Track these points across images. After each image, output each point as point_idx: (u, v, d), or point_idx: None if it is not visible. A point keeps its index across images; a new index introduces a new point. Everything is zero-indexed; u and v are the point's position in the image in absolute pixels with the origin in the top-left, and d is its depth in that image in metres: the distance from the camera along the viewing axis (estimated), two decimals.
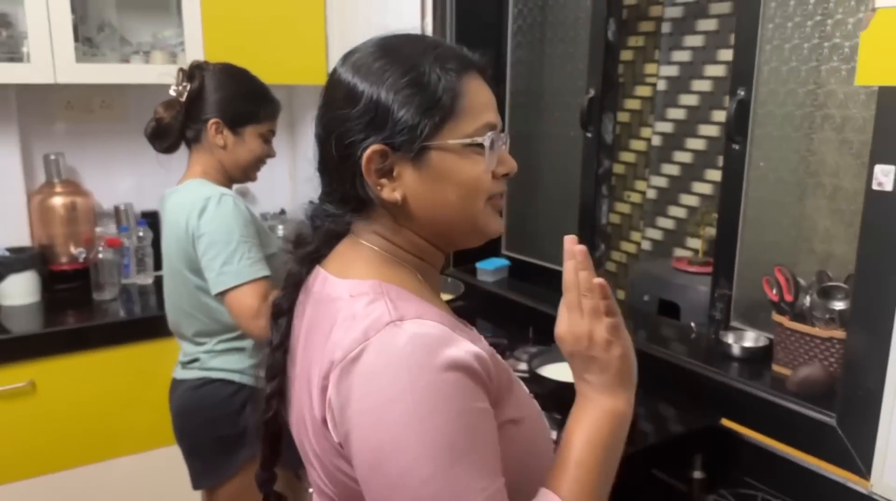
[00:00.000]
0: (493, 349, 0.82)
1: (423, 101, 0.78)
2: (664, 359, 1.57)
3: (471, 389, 0.71)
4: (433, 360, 0.70)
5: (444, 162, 0.80)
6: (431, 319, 0.73)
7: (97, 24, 2.52)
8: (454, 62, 0.80)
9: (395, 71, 0.79)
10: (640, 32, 2.50)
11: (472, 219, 0.83)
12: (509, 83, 2.19)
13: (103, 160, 2.64)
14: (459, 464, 0.68)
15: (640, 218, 2.64)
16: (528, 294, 1.99)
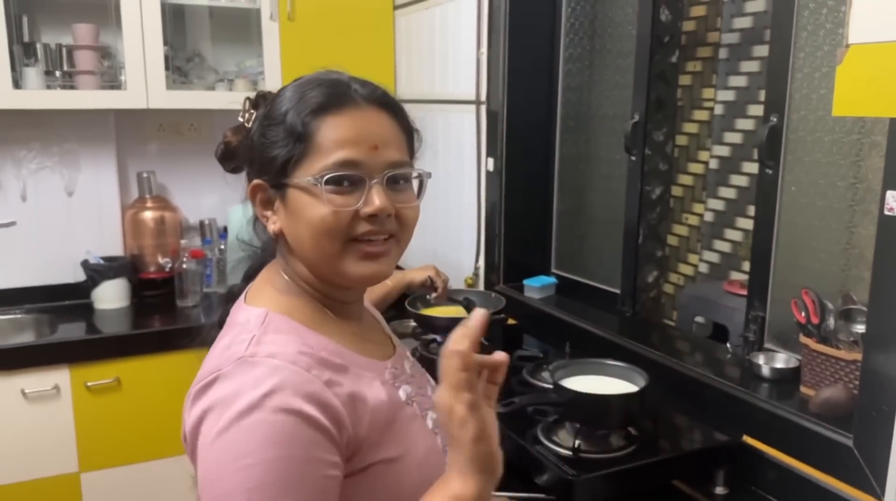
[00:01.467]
0: (404, 383, 0.88)
1: (273, 139, 0.84)
2: (693, 377, 1.61)
3: (301, 435, 0.72)
4: (265, 401, 0.71)
5: (296, 200, 0.83)
6: (287, 359, 0.75)
7: (188, 55, 2.77)
8: (313, 104, 0.83)
9: (269, 112, 0.86)
10: (698, 58, 2.53)
11: (329, 260, 0.83)
12: (560, 108, 2.27)
13: (190, 178, 2.87)
14: (273, 496, 0.70)
15: (697, 240, 2.65)
16: (571, 311, 2.05)
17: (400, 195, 0.86)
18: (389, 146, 0.85)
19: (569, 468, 1.30)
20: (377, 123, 0.85)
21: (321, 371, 0.78)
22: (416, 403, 0.89)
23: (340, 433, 0.76)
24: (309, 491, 0.72)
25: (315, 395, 0.75)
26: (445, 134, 2.57)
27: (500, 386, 0.81)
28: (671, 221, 2.62)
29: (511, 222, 2.29)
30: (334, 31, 2.73)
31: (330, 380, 0.78)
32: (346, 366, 0.82)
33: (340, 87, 0.86)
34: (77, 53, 2.51)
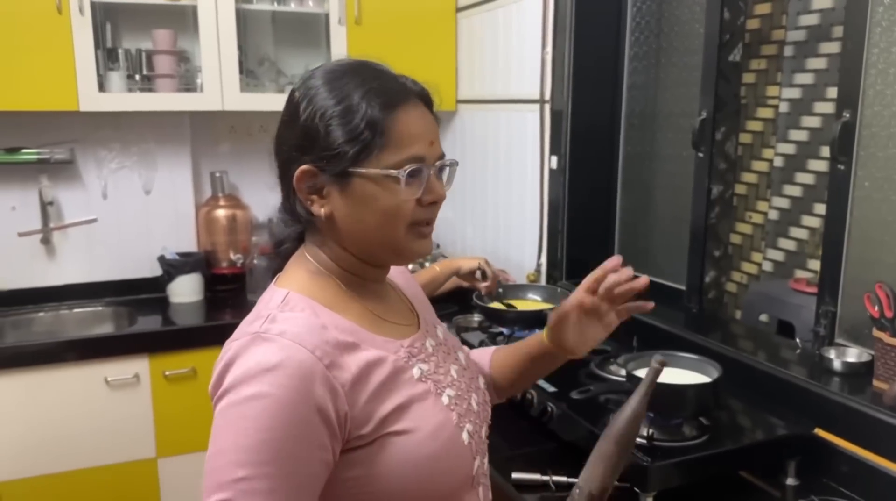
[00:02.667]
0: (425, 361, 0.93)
1: (347, 130, 0.86)
2: (763, 371, 1.62)
3: (297, 412, 0.78)
4: (266, 376, 0.78)
5: (364, 188, 0.87)
6: (294, 338, 0.81)
7: (258, 59, 2.87)
8: (384, 97, 0.87)
9: (330, 99, 0.87)
10: (763, 55, 2.53)
11: (392, 243, 0.90)
12: (625, 106, 2.29)
13: (261, 177, 2.97)
14: (254, 469, 0.76)
15: (762, 239, 2.64)
16: None
17: (442, 184, 0.95)
18: (437, 140, 0.93)
19: (643, 455, 1.33)
20: (429, 118, 0.93)
21: (327, 351, 0.83)
22: (431, 380, 0.94)
23: (338, 415, 0.82)
24: (293, 466, 0.79)
25: (316, 376, 0.80)
26: (507, 133, 2.61)
27: (625, 320, 1.14)
28: (734, 219, 2.63)
29: (574, 218, 2.32)
30: (399, 35, 2.80)
31: (332, 363, 0.82)
32: (357, 344, 0.87)
33: (399, 83, 0.91)
34: (156, 58, 2.64)
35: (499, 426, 1.72)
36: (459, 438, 0.92)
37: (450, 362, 1.02)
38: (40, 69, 2.38)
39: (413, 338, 0.97)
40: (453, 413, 0.93)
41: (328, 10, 2.70)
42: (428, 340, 1.00)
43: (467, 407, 0.97)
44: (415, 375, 0.92)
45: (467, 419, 0.96)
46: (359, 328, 0.90)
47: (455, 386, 0.97)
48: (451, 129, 3.02)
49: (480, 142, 2.80)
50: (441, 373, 0.97)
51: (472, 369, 1.09)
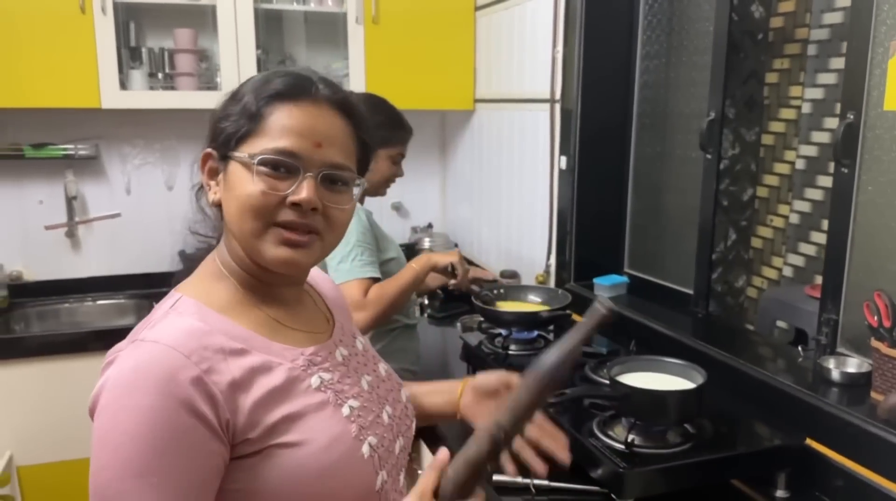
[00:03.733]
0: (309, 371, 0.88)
1: (231, 113, 0.87)
2: (759, 379, 1.58)
3: (172, 418, 0.75)
4: (137, 381, 0.76)
5: (234, 173, 0.86)
6: (170, 343, 0.78)
7: (280, 58, 2.91)
8: (272, 91, 0.86)
9: (235, 90, 0.90)
10: (786, 55, 2.45)
11: (249, 238, 0.86)
12: (637, 106, 2.26)
13: None
14: (142, 482, 0.74)
15: (783, 243, 2.57)
16: (641, 310, 2.04)
17: (333, 196, 0.88)
18: (334, 147, 0.87)
19: (620, 460, 1.30)
20: (328, 122, 0.88)
21: (205, 357, 0.79)
22: (331, 390, 0.90)
23: (219, 421, 0.78)
24: (178, 473, 0.76)
25: (190, 381, 0.77)
26: (521, 133, 2.60)
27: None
28: (755, 222, 2.56)
29: (583, 220, 2.29)
30: (417, 33, 2.80)
31: (210, 368, 0.79)
32: (245, 350, 0.84)
33: (305, 81, 0.89)
34: (178, 57, 2.69)
35: None
36: (358, 452, 0.88)
37: (362, 373, 0.99)
38: (64, 67, 2.46)
39: (319, 347, 0.93)
40: (353, 425, 0.89)
41: (346, 9, 2.72)
42: (339, 349, 0.97)
43: (373, 420, 0.94)
44: (313, 384, 0.88)
45: (371, 431, 0.92)
46: (251, 334, 0.86)
47: (361, 398, 0.94)
48: (469, 128, 3.02)
49: (496, 141, 2.79)
50: (347, 384, 0.93)
51: (392, 381, 1.07)
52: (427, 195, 3.30)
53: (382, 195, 2.01)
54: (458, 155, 3.16)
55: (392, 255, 1.89)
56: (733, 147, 2.07)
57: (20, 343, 2.47)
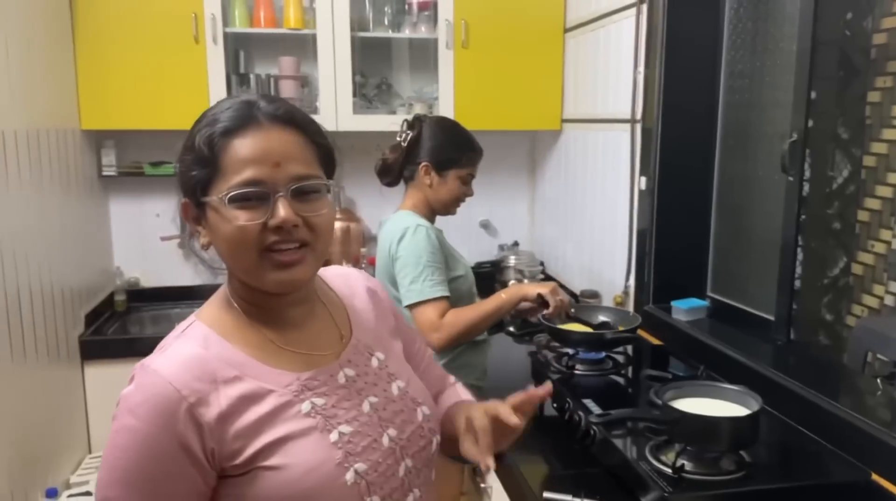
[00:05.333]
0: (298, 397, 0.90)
1: (195, 161, 0.90)
2: (828, 410, 1.51)
3: (155, 445, 0.83)
4: (136, 406, 0.84)
5: (212, 217, 0.89)
6: (168, 374, 0.84)
7: (377, 82, 3.05)
8: (222, 126, 0.88)
9: (186, 139, 0.92)
10: (889, 73, 2.33)
11: (247, 271, 0.90)
12: (720, 127, 2.21)
13: (373, 193, 3.14)
14: (125, 493, 0.84)
15: (884, 270, 2.42)
16: (718, 335, 1.99)
17: (308, 205, 0.90)
18: (292, 161, 0.89)
19: (667, 485, 1.30)
20: (279, 140, 0.89)
21: (195, 389, 0.85)
22: (321, 415, 0.91)
23: (203, 450, 0.85)
24: (155, 493, 0.84)
25: (180, 412, 0.84)
26: (604, 153, 2.60)
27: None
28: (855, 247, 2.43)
29: (663, 241, 2.27)
30: (506, 56, 2.87)
31: (200, 400, 0.85)
32: (238, 377, 0.88)
33: (245, 109, 0.90)
34: (282, 82, 2.89)
35: (552, 446, 1.74)
36: (340, 478, 0.89)
37: (367, 395, 0.98)
38: (180, 92, 2.69)
39: (318, 371, 0.95)
40: (339, 452, 0.90)
41: (438, 35, 2.83)
42: (344, 370, 0.98)
43: (368, 445, 0.94)
44: (303, 410, 0.90)
45: (363, 457, 0.92)
46: (247, 360, 0.90)
47: (357, 422, 0.94)
48: (556, 148, 3.04)
49: (581, 161, 2.80)
50: (344, 407, 0.94)
51: (405, 401, 1.03)
52: (515, 214, 3.34)
53: (452, 214, 2.07)
54: (547, 174, 3.19)
55: (460, 273, 1.95)
56: (834, 169, 1.99)
57: (135, 344, 2.69)
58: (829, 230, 1.97)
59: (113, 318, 2.92)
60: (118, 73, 2.68)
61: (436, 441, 1.05)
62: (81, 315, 2.70)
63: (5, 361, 2.02)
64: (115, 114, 2.71)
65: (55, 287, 2.42)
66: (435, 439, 1.05)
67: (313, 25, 2.78)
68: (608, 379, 1.88)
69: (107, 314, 2.92)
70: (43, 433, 2.28)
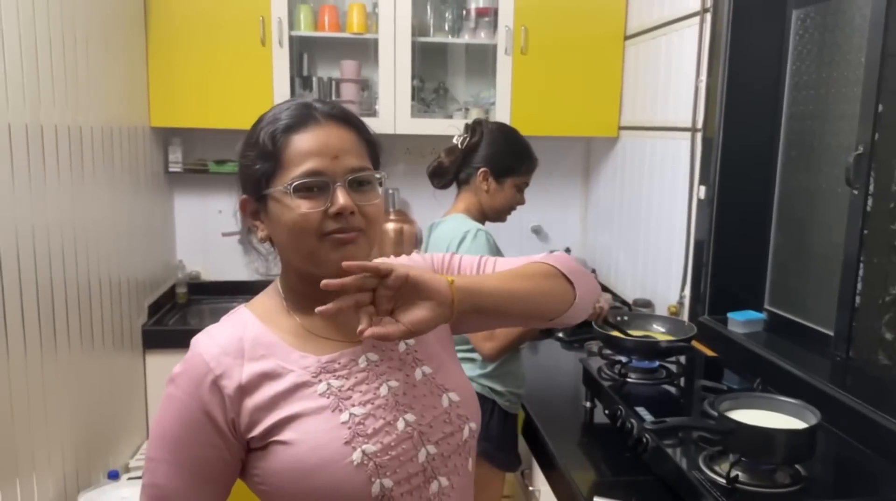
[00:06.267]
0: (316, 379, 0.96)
1: (257, 157, 0.97)
2: (889, 428, 1.49)
3: (184, 411, 0.95)
4: (177, 376, 0.96)
5: (274, 208, 0.97)
6: (203, 348, 0.95)
7: (434, 87, 3.09)
8: (286, 121, 0.97)
9: (251, 131, 1.00)
10: None
11: (308, 254, 0.96)
12: (783, 137, 2.18)
13: (428, 195, 3.18)
14: (161, 454, 0.96)
15: None
16: (774, 349, 1.97)
17: (363, 195, 0.98)
18: (348, 155, 0.97)
19: (720, 495, 1.29)
20: (336, 136, 0.97)
21: (222, 362, 0.95)
22: (335, 396, 0.97)
23: (225, 419, 0.95)
24: (186, 457, 0.96)
25: (206, 383, 0.94)
26: (662, 161, 2.59)
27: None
28: None
29: (721, 252, 2.25)
30: (564, 63, 2.88)
31: (224, 373, 0.95)
32: (265, 356, 0.97)
33: (303, 108, 0.99)
34: (343, 85, 2.95)
35: (601, 453, 1.74)
36: (346, 458, 0.93)
37: (387, 378, 1.01)
38: (245, 93, 2.78)
39: (340, 353, 1.00)
40: (347, 432, 0.94)
41: (497, 41, 2.85)
42: (367, 354, 1.01)
43: (381, 427, 0.96)
44: (319, 390, 0.97)
45: (373, 439, 0.95)
46: (278, 342, 0.99)
47: (371, 405, 0.97)
48: (613, 155, 3.04)
49: (638, 168, 2.79)
50: (360, 390, 0.98)
51: (429, 386, 1.04)
52: (568, 220, 3.34)
53: (503, 222, 2.08)
54: (601, 181, 3.18)
55: None
56: None
57: (194, 335, 2.78)
58: (891, 246, 1.93)
59: (174, 309, 3.02)
60: (187, 73, 2.78)
61: (468, 428, 1.05)
62: (145, 306, 2.80)
63: (74, 347, 2.11)
64: (183, 112, 2.81)
65: (122, 278, 2.52)
66: (467, 427, 1.05)
67: (375, 30, 2.83)
68: (660, 389, 1.87)
69: (168, 305, 3.02)
70: (106, 417, 2.37)
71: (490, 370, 1.90)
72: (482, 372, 1.90)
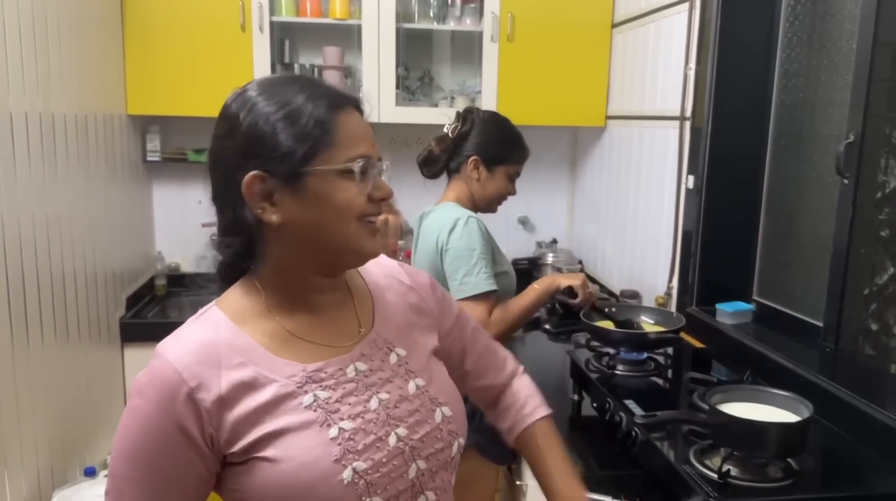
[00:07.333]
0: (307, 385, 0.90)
1: (295, 131, 0.87)
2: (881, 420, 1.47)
3: (154, 425, 0.85)
4: (143, 387, 0.87)
5: (318, 187, 0.88)
6: (173, 358, 0.86)
7: (418, 75, 3.04)
8: (326, 100, 0.89)
9: (271, 106, 0.88)
10: None
11: (347, 239, 0.90)
12: (773, 126, 2.16)
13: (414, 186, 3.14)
14: (128, 472, 0.87)
15: None
16: (763, 340, 1.95)
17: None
18: (375, 142, 0.95)
19: (712, 489, 1.26)
20: (365, 123, 0.96)
21: (196, 373, 0.86)
22: (323, 409, 0.90)
23: (202, 434, 0.86)
24: (156, 475, 0.87)
25: (179, 396, 0.85)
26: (650, 150, 2.56)
27: None
28: None
29: (709, 242, 2.22)
30: (551, 51, 2.84)
31: (200, 384, 0.85)
32: (243, 364, 0.88)
33: (332, 88, 0.94)
34: (325, 72, 2.89)
35: (589, 446, 1.71)
36: (337, 476, 0.87)
37: (377, 390, 0.95)
38: (225, 80, 2.65)
39: (326, 362, 0.93)
40: (337, 448, 0.88)
41: (483, 28, 2.81)
42: (355, 364, 0.96)
43: (371, 443, 0.91)
44: (304, 402, 0.89)
45: (364, 456, 0.90)
46: (255, 347, 0.90)
47: (360, 419, 0.92)
48: (600, 144, 3.00)
49: (626, 158, 2.76)
50: (349, 403, 0.92)
51: (422, 400, 0.99)
52: (554, 211, 3.31)
53: (493, 212, 2.05)
54: (588, 172, 3.15)
55: (505, 268, 1.92)
56: (886, 173, 1.93)
57: (174, 328, 2.71)
58: (877, 237, 1.91)
59: (153, 302, 2.96)
60: (165, 59, 2.71)
61: (458, 444, 1.02)
62: (123, 298, 2.74)
63: (49, 341, 2.05)
64: (161, 100, 2.74)
65: (98, 269, 2.46)
66: (457, 442, 1.02)
67: (359, 16, 2.77)
68: (649, 381, 1.85)
69: (147, 297, 2.96)
70: (83, 412, 2.31)
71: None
72: None
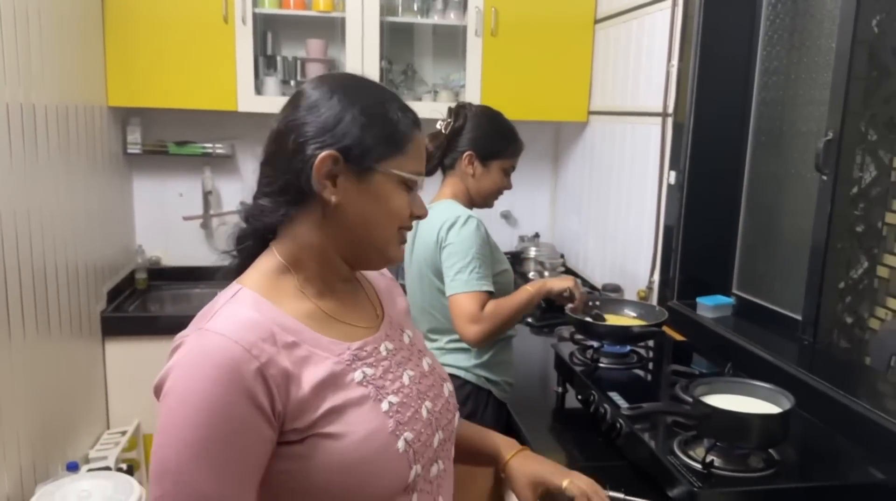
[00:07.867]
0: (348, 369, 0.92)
1: (382, 131, 0.94)
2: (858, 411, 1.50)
3: (228, 405, 0.81)
4: (204, 369, 0.82)
5: (383, 186, 0.95)
6: (233, 335, 0.83)
7: (402, 69, 3.04)
8: (412, 115, 0.99)
9: (365, 100, 0.95)
10: None
11: (385, 240, 0.98)
12: (753, 123, 2.19)
13: None
14: (199, 463, 0.80)
15: None
16: (743, 333, 1.98)
17: None
18: None
19: (696, 480, 1.29)
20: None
21: (264, 349, 0.85)
22: (372, 385, 0.94)
23: (273, 409, 0.84)
24: (231, 458, 0.82)
25: (249, 372, 0.82)
26: (632, 146, 2.58)
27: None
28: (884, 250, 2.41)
29: (690, 237, 2.25)
30: (534, 46, 2.85)
31: (269, 361, 0.85)
32: (296, 342, 0.89)
33: (413, 111, 1.02)
34: (309, 65, 2.88)
35: (573, 438, 1.73)
36: (394, 446, 0.92)
37: (405, 368, 1.02)
38: (206, 72, 2.69)
39: (365, 341, 0.98)
40: (391, 421, 0.93)
41: (467, 22, 2.81)
42: (385, 343, 1.01)
43: (412, 416, 0.97)
44: (356, 378, 0.93)
45: (409, 427, 0.95)
46: (302, 327, 0.92)
47: (401, 393, 0.98)
48: (582, 140, 3.02)
49: (608, 153, 2.78)
50: (389, 379, 0.98)
51: (434, 376, 1.08)
52: (536, 205, 3.33)
53: (490, 207, 2.05)
54: (570, 167, 3.17)
55: (504, 267, 1.93)
56: (862, 170, 1.96)
57: (155, 322, 2.71)
58: (852, 232, 1.95)
59: (134, 296, 2.94)
60: (146, 50, 2.68)
61: (457, 415, 1.12)
62: (103, 292, 2.71)
63: (30, 335, 2.03)
64: (142, 91, 2.72)
65: (79, 263, 2.44)
66: (457, 413, 1.12)
67: (342, 8, 2.76)
68: (632, 373, 1.87)
69: (128, 291, 2.94)
70: (64, 407, 2.29)
71: (486, 360, 1.87)
72: (478, 362, 1.87)
